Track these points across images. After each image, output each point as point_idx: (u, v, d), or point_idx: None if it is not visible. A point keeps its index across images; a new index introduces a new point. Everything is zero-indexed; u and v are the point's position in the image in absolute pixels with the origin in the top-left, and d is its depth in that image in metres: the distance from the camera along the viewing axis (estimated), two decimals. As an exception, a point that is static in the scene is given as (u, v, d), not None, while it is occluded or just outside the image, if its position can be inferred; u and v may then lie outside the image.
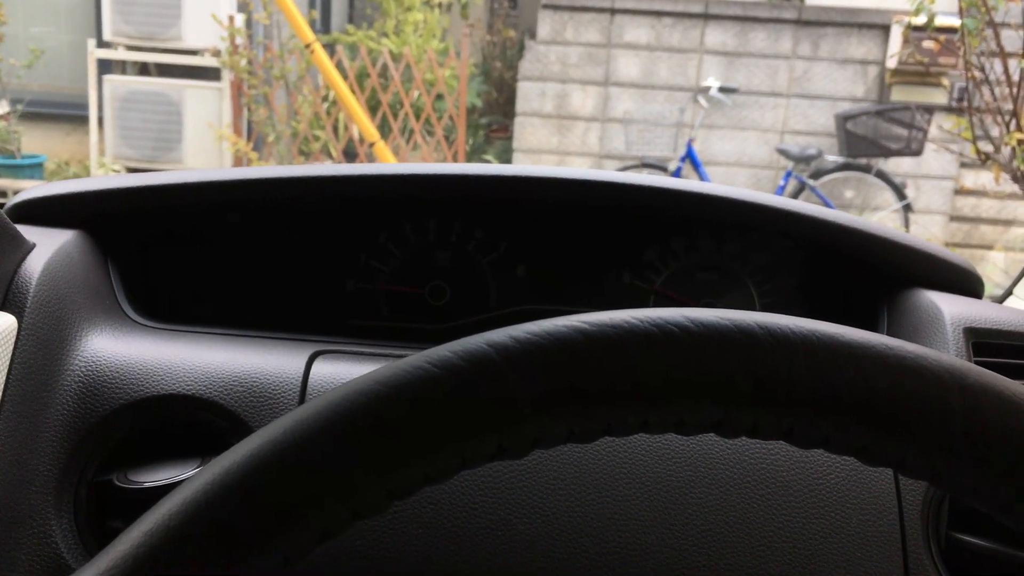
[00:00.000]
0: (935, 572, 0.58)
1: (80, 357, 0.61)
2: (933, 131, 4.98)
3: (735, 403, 0.32)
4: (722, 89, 5.25)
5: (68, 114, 5.80)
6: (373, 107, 5.42)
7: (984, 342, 0.67)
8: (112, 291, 0.70)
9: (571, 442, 0.33)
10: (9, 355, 0.57)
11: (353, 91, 4.82)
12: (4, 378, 0.56)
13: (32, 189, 0.73)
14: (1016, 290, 0.90)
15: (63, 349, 0.61)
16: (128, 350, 0.63)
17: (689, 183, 0.78)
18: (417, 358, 0.32)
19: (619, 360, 0.32)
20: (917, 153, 5.10)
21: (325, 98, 5.37)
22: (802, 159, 5.09)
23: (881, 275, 0.76)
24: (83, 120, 5.54)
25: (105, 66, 5.38)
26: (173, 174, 0.74)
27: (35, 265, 0.61)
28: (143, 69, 5.49)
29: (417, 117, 5.27)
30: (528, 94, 5.59)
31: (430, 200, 0.79)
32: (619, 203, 0.77)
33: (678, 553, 0.57)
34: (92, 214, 0.72)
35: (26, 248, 0.62)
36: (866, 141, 5.07)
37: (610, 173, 0.77)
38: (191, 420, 0.61)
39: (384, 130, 5.28)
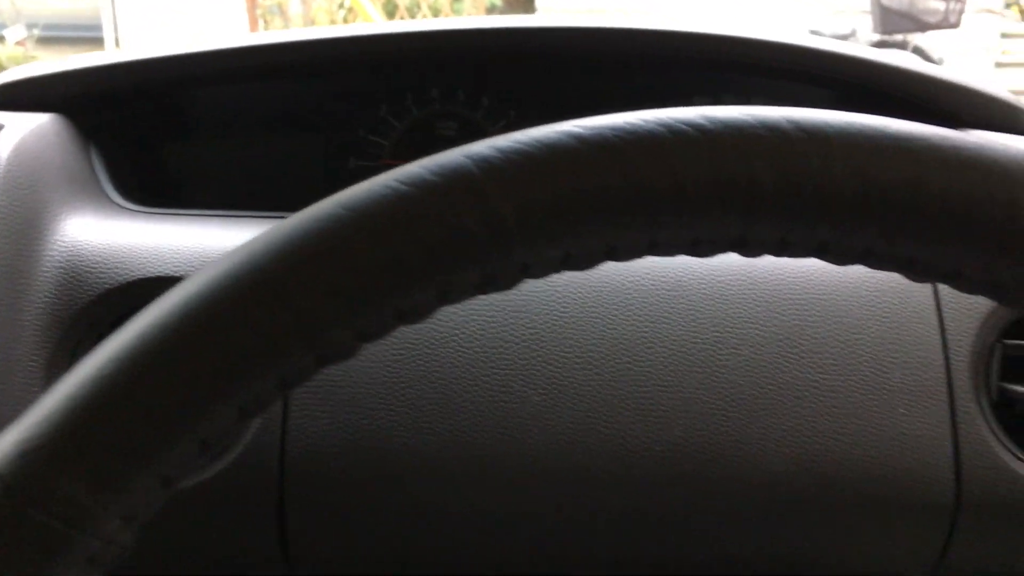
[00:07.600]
0: (986, 426, 0.54)
1: (60, 242, 0.57)
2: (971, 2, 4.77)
3: (760, 211, 0.27)
4: (750, -30, 5.05)
5: (84, 36, 5.73)
6: (390, 12, 5.29)
7: None
8: (94, 175, 0.65)
9: (567, 268, 0.28)
10: (-20, 240, 0.53)
11: (368, -6, 4.70)
12: (-23, 264, 0.52)
13: (6, 73, 0.68)
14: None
15: (40, 233, 0.57)
16: (112, 234, 0.58)
17: (719, 25, 0.71)
18: (383, 177, 0.27)
19: (622, 167, 0.27)
20: (955, 26, 4.90)
21: (341, 5, 5.24)
22: (836, 39, 4.91)
23: (927, 117, 0.70)
24: (100, 42, 5.46)
25: (117, -16, 5.29)
26: (156, 48, 0.69)
27: (3, 145, 0.57)
28: (155, -15, 5.38)
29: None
30: (548, -12, 5.42)
31: (429, 66, 0.74)
32: (633, 54, 0.71)
33: (704, 417, 0.52)
34: (71, 95, 0.67)
35: (-6, 129, 0.58)
36: (902, 15, 4.87)
37: (628, 20, 0.71)
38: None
39: (402, 34, 5.16)
